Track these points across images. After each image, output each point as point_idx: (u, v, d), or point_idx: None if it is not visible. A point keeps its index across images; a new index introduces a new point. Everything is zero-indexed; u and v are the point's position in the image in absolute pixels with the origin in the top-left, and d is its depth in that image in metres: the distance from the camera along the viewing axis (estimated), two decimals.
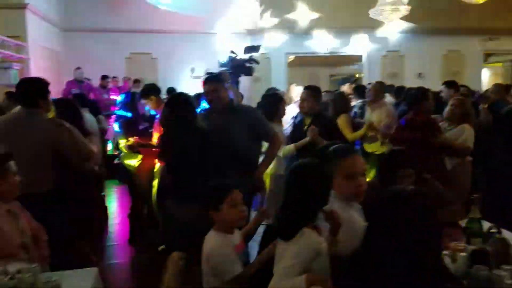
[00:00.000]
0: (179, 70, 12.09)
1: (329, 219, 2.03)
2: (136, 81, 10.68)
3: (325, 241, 2.02)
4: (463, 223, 2.61)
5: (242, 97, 7.67)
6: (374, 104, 5.61)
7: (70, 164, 3.44)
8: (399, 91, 7.14)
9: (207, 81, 3.82)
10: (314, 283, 1.86)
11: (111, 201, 7.07)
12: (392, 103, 6.45)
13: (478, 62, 14.34)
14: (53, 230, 2.79)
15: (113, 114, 6.52)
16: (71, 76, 10.54)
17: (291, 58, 13.94)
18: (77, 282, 2.34)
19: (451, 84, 6.32)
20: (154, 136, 4.79)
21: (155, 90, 5.06)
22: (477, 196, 2.62)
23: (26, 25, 8.94)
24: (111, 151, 7.65)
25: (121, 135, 5.08)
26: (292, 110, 5.46)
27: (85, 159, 3.57)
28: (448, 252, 2.23)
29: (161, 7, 11.35)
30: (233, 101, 4.11)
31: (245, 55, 10.57)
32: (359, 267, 1.63)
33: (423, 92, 4.70)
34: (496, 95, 6.54)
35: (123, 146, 4.98)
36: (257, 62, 10.72)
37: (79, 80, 10.32)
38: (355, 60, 14.59)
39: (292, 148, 4.45)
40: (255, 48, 10.70)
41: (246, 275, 2.28)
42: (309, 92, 4.61)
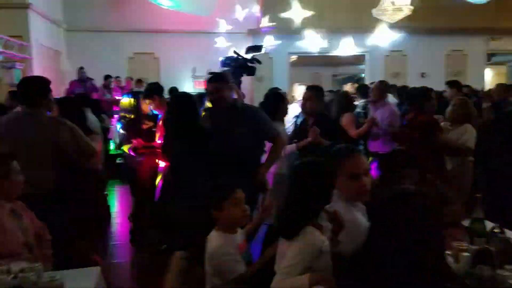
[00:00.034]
0: (182, 70, 12.12)
1: (332, 220, 2.03)
2: (139, 81, 10.70)
3: (328, 240, 2.02)
4: (466, 223, 2.60)
5: (244, 97, 7.66)
6: (377, 104, 5.60)
7: (73, 163, 3.41)
8: (402, 91, 7.12)
9: (211, 81, 3.78)
10: (317, 283, 1.86)
11: (113, 201, 7.08)
12: (395, 103, 6.43)
13: (481, 62, 14.31)
14: (53, 230, 2.79)
15: (116, 114, 6.53)
16: (74, 76, 10.59)
17: (294, 58, 13.93)
18: (80, 281, 2.34)
19: (454, 84, 6.31)
20: (157, 136, 4.80)
21: (158, 90, 5.05)
22: (479, 196, 2.62)
23: (29, 25, 8.97)
24: (113, 151, 7.67)
25: (125, 140, 5.10)
26: (295, 109, 5.46)
27: (88, 158, 3.54)
28: (451, 252, 2.23)
29: (164, 7, 11.36)
30: (237, 101, 4.11)
31: (247, 55, 10.57)
32: (359, 267, 1.63)
33: (425, 92, 4.69)
34: (499, 95, 6.53)
35: (127, 149, 5.01)
36: (260, 62, 10.71)
37: (82, 80, 10.35)
38: (358, 60, 14.57)
39: (294, 148, 4.44)
40: (257, 48, 10.69)
41: (249, 275, 2.28)
42: (312, 92, 4.59)
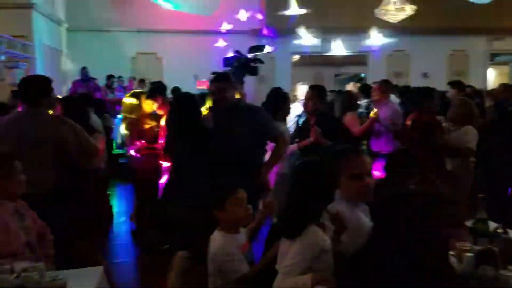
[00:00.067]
0: (184, 70, 12.11)
1: (334, 221, 2.02)
2: (141, 81, 10.71)
3: (330, 239, 2.01)
4: (469, 224, 2.60)
5: (246, 96, 7.67)
6: (380, 103, 5.59)
7: (73, 163, 3.39)
8: (404, 91, 7.10)
9: (214, 80, 3.77)
10: (319, 283, 1.86)
11: (116, 200, 7.08)
12: (398, 103, 6.41)
13: (484, 62, 14.30)
14: (53, 230, 2.79)
15: (119, 114, 6.55)
16: (77, 76, 10.60)
17: (296, 58, 13.92)
18: (82, 281, 2.34)
19: (456, 84, 6.29)
20: (160, 137, 4.80)
21: (161, 89, 5.04)
22: (481, 197, 2.61)
23: (32, 25, 8.99)
24: (116, 150, 7.68)
25: (128, 141, 5.14)
26: (297, 109, 5.45)
27: (89, 157, 3.53)
28: (455, 253, 2.22)
29: (166, 7, 11.37)
30: (240, 101, 4.10)
31: (250, 55, 10.58)
32: (360, 267, 1.63)
33: (427, 92, 4.67)
34: (502, 95, 6.51)
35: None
36: (262, 62, 10.72)
37: (85, 80, 10.37)
38: (360, 60, 14.56)
39: (295, 148, 4.44)
40: (260, 48, 10.70)
41: (252, 275, 2.27)
42: (314, 92, 4.58)
